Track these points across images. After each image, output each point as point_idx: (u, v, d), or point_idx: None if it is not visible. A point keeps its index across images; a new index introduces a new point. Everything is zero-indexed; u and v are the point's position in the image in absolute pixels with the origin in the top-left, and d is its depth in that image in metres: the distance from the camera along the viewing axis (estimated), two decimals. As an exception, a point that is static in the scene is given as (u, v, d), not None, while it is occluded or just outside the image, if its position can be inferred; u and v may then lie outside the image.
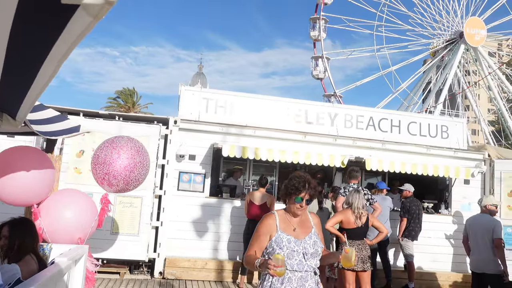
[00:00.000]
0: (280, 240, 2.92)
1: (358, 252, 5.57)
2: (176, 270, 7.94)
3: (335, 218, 5.78)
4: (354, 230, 5.67)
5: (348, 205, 5.78)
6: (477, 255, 5.93)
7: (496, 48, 38.33)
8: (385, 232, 5.92)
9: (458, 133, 10.00)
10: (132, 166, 4.91)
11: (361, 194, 5.82)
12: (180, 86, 9.08)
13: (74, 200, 5.11)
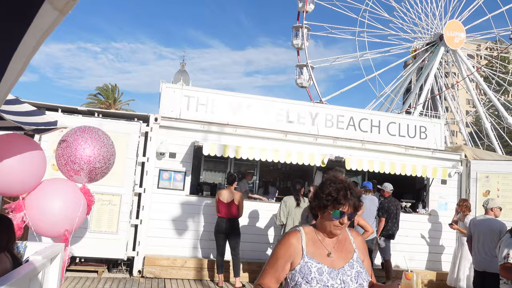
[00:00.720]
0: (307, 271, 2.10)
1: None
2: (155, 269, 7.89)
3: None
4: None
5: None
6: (482, 254, 6.04)
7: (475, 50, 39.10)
8: (370, 231, 5.98)
9: (436, 134, 10.18)
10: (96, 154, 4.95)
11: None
12: (161, 83, 9.02)
13: (62, 191, 5.05)
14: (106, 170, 5.36)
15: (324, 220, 2.21)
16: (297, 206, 6.81)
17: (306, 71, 30.66)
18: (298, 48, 30.66)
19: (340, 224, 2.17)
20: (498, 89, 34.78)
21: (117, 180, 7.89)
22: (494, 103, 32.65)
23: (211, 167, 9.96)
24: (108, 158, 5.28)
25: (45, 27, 1.01)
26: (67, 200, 5.03)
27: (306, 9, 29.88)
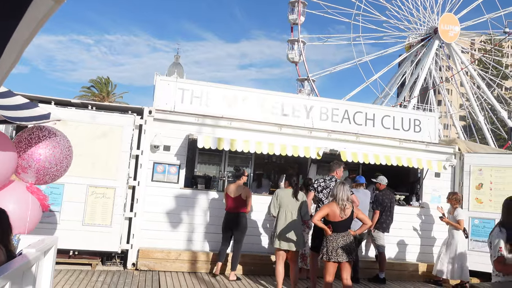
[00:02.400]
0: None
1: (342, 243, 5.66)
2: (149, 261, 7.89)
3: (321, 212, 5.81)
4: (339, 223, 5.74)
5: (332, 198, 5.84)
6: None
7: (469, 45, 39.20)
8: (368, 224, 6.03)
9: (430, 127, 10.21)
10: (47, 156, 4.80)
11: (346, 186, 5.88)
12: (155, 76, 8.96)
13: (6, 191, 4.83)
14: (57, 173, 5.06)
15: None
16: (294, 198, 6.84)
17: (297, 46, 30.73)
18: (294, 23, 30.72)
19: None
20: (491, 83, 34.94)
21: (111, 173, 7.87)
22: (488, 97, 32.83)
23: (206, 160, 9.93)
24: (61, 160, 4.99)
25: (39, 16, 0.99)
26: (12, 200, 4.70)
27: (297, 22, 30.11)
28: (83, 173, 7.59)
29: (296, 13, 30.22)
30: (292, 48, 30.99)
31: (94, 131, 7.81)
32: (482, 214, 9.08)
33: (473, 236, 9.15)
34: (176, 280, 7.31)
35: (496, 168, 9.36)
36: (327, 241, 5.74)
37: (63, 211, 7.61)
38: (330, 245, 5.67)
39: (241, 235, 7.68)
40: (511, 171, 9.18)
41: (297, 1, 30.45)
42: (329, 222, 5.75)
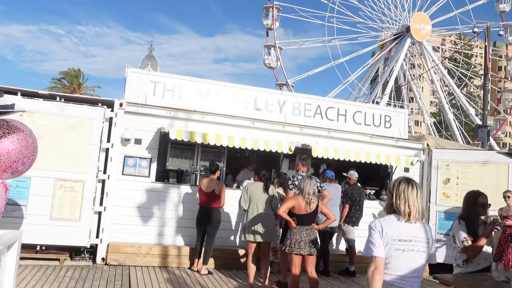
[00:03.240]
0: None
1: (306, 237, 5.72)
2: (119, 256, 7.78)
3: (287, 204, 5.86)
4: (303, 216, 5.79)
5: (299, 191, 5.89)
6: None
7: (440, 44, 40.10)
8: (332, 219, 6.07)
9: (400, 123, 10.42)
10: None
11: (313, 180, 5.94)
12: (126, 68, 8.81)
13: None
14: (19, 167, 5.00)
15: None
16: (264, 192, 6.88)
17: (274, 52, 30.80)
18: (268, 28, 30.73)
19: None
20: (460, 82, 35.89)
21: (80, 166, 7.71)
22: (457, 95, 33.71)
23: (178, 154, 9.84)
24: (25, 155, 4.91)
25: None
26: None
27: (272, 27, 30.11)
28: (51, 166, 7.43)
29: (271, 18, 30.31)
30: (268, 53, 30.99)
31: (62, 124, 7.63)
32: (449, 208, 9.33)
33: (440, 229, 9.41)
34: (146, 275, 7.24)
35: (463, 163, 9.64)
36: (290, 234, 5.79)
37: (30, 205, 7.42)
38: (294, 238, 5.72)
39: (214, 230, 7.67)
40: (476, 167, 9.47)
41: (271, 7, 30.52)
42: (294, 215, 5.79)
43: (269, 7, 30.66)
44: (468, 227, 4.47)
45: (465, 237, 4.40)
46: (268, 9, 30.79)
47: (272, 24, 30.34)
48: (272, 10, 30.34)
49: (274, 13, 30.21)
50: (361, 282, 8.04)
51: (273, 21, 30.18)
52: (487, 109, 18.05)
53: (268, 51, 31.16)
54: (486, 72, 17.81)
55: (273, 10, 30.28)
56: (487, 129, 16.91)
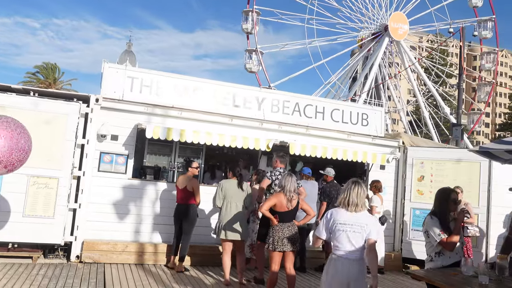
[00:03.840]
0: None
1: (288, 233, 5.77)
2: (94, 254, 7.69)
3: (269, 202, 5.88)
4: (285, 213, 5.83)
5: (281, 189, 5.92)
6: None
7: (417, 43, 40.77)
8: (312, 215, 6.13)
9: (377, 121, 10.56)
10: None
11: (294, 178, 6.00)
12: (103, 63, 8.67)
13: None
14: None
15: None
16: (239, 188, 6.93)
17: (255, 56, 30.81)
18: (248, 32, 30.72)
19: None
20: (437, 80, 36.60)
21: (54, 162, 7.58)
22: (433, 93, 34.38)
23: (156, 150, 9.74)
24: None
25: None
26: None
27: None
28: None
29: (250, 22, 30.33)
30: (250, 58, 31.00)
31: (36, 119, 7.46)
32: (423, 205, 9.51)
33: (414, 226, 9.60)
34: (122, 272, 7.18)
35: (437, 161, 9.85)
36: (273, 231, 5.83)
37: (2, 202, 7.25)
38: (276, 235, 5.76)
39: (190, 227, 7.65)
40: (450, 164, 9.69)
41: (250, 11, 30.50)
42: (276, 213, 5.83)
43: (249, 11, 30.69)
44: (440, 223, 4.58)
45: (441, 231, 4.52)
46: (247, 13, 30.80)
47: (252, 29, 30.40)
48: (251, 14, 30.36)
49: (254, 17, 30.23)
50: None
51: (253, 25, 30.24)
52: (461, 108, 18.46)
53: (249, 55, 31.16)
54: (461, 71, 18.20)
55: (253, 14, 30.31)
56: (461, 128, 17.31)
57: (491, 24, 32.91)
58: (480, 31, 32.71)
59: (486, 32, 32.90)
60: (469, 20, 33.43)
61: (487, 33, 32.95)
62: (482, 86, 34.67)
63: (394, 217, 10.15)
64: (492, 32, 33.09)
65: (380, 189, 8.91)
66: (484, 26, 32.90)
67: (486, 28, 32.82)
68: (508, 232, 4.92)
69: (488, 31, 32.91)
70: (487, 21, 32.95)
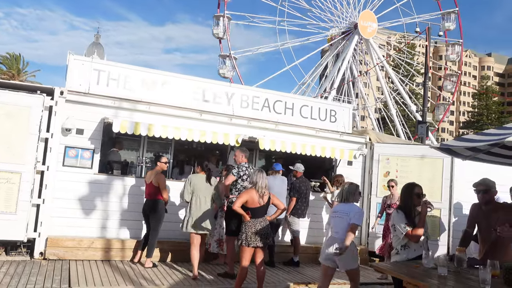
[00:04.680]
0: None
1: (261, 229, 5.80)
2: (59, 250, 7.51)
3: (241, 198, 5.88)
4: (257, 209, 5.86)
5: (252, 185, 5.94)
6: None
7: (386, 42, 41.58)
8: (282, 208, 6.19)
9: (345, 118, 10.73)
10: None
11: (264, 174, 6.04)
12: (68, 55, 8.45)
13: None
14: None
15: None
16: (208, 183, 7.04)
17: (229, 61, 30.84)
18: (219, 37, 30.70)
19: None
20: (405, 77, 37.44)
21: (16, 157, 7.35)
22: (400, 91, 35.17)
23: (123, 145, 9.59)
24: None
25: None
26: None
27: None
28: (-16, 156, 7.01)
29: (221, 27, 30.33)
30: (217, 24, 30.82)
31: (-3, 111, 7.21)
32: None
33: (380, 220, 9.80)
34: (88, 269, 7.05)
35: (402, 157, 10.11)
36: (246, 227, 5.84)
37: (-40, 198, 6.98)
38: (249, 231, 5.79)
39: (157, 222, 7.59)
40: (414, 160, 9.95)
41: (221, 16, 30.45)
42: (248, 209, 5.86)
43: (220, 16, 30.60)
44: (406, 217, 4.73)
45: (406, 223, 4.67)
46: (218, 17, 30.72)
47: (224, 34, 30.38)
48: (223, 19, 30.33)
49: (225, 22, 30.19)
50: (304, 272, 8.26)
51: (224, 30, 30.25)
52: (426, 106, 18.97)
53: (217, 21, 30.99)
54: (426, 70, 18.67)
55: (224, 19, 30.30)
56: (426, 125, 17.78)
57: (454, 16, 34.07)
58: (443, 24, 33.91)
59: (449, 24, 34.13)
60: (434, 13, 34.53)
61: (450, 25, 34.17)
62: (449, 76, 35.77)
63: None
64: (455, 24, 34.27)
65: (342, 183, 9.07)
66: (447, 19, 34.12)
67: (450, 20, 34.01)
68: (467, 226, 5.11)
69: (451, 23, 34.12)
70: (450, 13, 34.14)
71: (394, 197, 8.44)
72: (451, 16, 33.99)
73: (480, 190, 4.83)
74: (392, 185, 8.60)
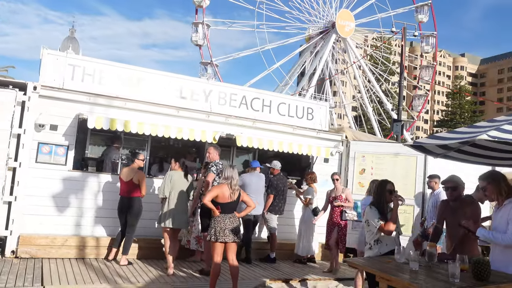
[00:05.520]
0: None
1: (230, 224, 5.81)
2: (31, 248, 7.37)
3: (211, 193, 5.87)
4: (227, 204, 5.86)
5: (225, 180, 5.94)
6: None
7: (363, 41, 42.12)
8: (252, 206, 6.20)
9: (322, 116, 10.84)
10: None
11: (235, 169, 6.05)
12: (42, 49, 8.27)
13: None
14: None
15: None
16: (185, 179, 7.18)
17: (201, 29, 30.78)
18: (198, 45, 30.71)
19: None
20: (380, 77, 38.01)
21: (-13, 153, 7.16)
22: (376, 90, 35.71)
23: (99, 141, 9.46)
24: None
25: None
26: None
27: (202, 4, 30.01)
28: (-48, 152, 6.81)
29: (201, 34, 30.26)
30: (196, 31, 30.78)
31: (-33, 107, 7.02)
32: (363, 197, 9.88)
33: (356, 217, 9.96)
34: (61, 267, 6.93)
35: (377, 155, 10.27)
36: (215, 222, 5.84)
37: None
38: (218, 226, 5.79)
39: (134, 220, 7.54)
40: (389, 158, 10.13)
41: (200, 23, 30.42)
42: (218, 204, 5.85)
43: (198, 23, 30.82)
44: (379, 212, 4.85)
45: (378, 217, 4.79)
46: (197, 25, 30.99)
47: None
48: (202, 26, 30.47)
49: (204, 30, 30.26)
50: (281, 268, 8.32)
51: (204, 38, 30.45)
52: (402, 105, 19.31)
53: (195, 28, 30.97)
54: (402, 70, 19.00)
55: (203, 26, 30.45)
56: (401, 123, 18.11)
57: (427, 8, 34.91)
58: (417, 15, 34.88)
59: (422, 16, 35.12)
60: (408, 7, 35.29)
61: (423, 17, 35.13)
62: (425, 68, 36.55)
63: (337, 209, 10.48)
64: (428, 16, 35.15)
65: (314, 180, 9.19)
66: (420, 11, 34.99)
67: (423, 13, 34.88)
68: (437, 222, 5.25)
69: (424, 15, 35.05)
70: (423, 6, 35.03)
71: (338, 190, 8.60)
72: (424, 8, 34.93)
73: (449, 187, 4.98)
74: (336, 178, 8.68)
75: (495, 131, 4.00)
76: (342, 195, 8.54)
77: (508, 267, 3.99)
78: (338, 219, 8.45)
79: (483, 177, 4.31)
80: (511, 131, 4.04)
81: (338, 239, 8.43)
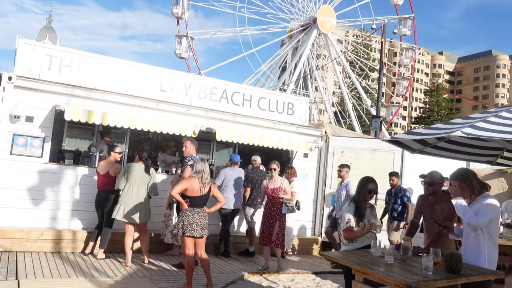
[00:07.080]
0: None
1: (198, 219, 5.78)
2: (5, 242, 7.22)
3: (180, 185, 5.82)
4: (197, 198, 5.81)
5: (196, 174, 5.89)
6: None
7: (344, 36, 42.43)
8: (223, 202, 6.18)
9: (302, 111, 10.90)
10: None
11: (207, 163, 6.01)
12: (17, 38, 8.07)
13: None
14: None
15: None
16: (146, 173, 7.17)
17: (186, 41, 30.30)
18: (178, 17, 30.12)
19: None
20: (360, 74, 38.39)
21: (-41, 144, 6.97)
22: (356, 86, 36.06)
23: (76, 134, 9.32)
24: None
25: None
26: None
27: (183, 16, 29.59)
28: None
29: (181, 6, 29.72)
30: (180, 43, 30.39)
31: None
32: (341, 191, 10.01)
33: (334, 211, 10.08)
34: (36, 261, 6.82)
35: (356, 150, 10.41)
36: (183, 216, 5.79)
37: None
38: (186, 220, 5.73)
39: (111, 213, 7.46)
40: (367, 153, 10.28)
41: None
42: (187, 197, 5.81)
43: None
44: (356, 209, 4.89)
45: (349, 219, 4.83)
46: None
47: (182, 14, 29.80)
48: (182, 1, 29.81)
49: (185, 2, 29.66)
50: (259, 262, 8.37)
51: (183, 10, 29.69)
52: (381, 101, 19.55)
53: (179, 40, 30.55)
54: (381, 66, 19.21)
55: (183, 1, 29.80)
56: (380, 119, 18.34)
57: (410, 22, 35.26)
58: (400, 28, 35.10)
59: (406, 30, 35.35)
60: (391, 17, 35.50)
61: (406, 31, 35.41)
62: (401, 80, 37.07)
63: (316, 203, 10.61)
64: (411, 30, 35.46)
65: (295, 175, 9.23)
66: (404, 24, 35.29)
67: (406, 26, 35.24)
68: (413, 216, 5.35)
69: (408, 29, 35.38)
70: (407, 19, 35.27)
71: (276, 181, 7.90)
72: (408, 22, 35.23)
73: (426, 182, 5.07)
74: (274, 167, 8.01)
75: (469, 128, 4.10)
76: (281, 186, 7.85)
77: (478, 260, 4.11)
78: (278, 212, 7.80)
79: (454, 177, 4.35)
80: (484, 128, 4.14)
81: (278, 234, 7.75)
